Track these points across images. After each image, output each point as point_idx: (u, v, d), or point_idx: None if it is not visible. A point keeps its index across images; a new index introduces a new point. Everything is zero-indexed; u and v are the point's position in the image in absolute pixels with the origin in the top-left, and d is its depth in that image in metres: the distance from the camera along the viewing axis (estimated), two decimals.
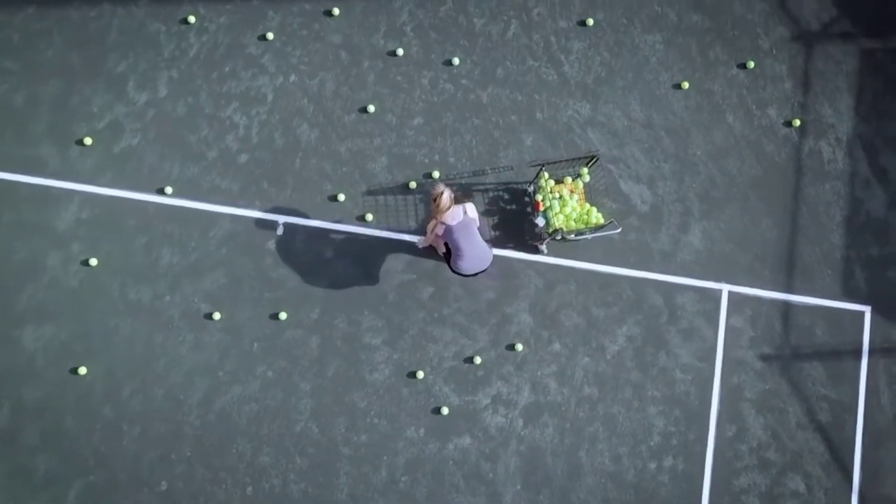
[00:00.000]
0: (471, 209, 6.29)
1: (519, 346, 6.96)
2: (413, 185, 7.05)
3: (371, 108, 7.15)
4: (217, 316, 6.85)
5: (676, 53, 7.41)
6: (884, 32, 7.49)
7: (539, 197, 6.83)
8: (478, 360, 6.92)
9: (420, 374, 6.87)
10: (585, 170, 6.86)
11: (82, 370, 6.74)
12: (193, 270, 6.91)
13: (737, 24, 7.48)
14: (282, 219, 6.99)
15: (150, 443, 6.75)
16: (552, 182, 6.85)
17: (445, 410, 6.85)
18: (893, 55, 7.47)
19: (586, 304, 7.07)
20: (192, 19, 7.15)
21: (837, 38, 7.49)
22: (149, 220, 6.94)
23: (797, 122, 7.35)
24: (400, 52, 7.24)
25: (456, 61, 7.26)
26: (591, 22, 7.35)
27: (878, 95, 7.43)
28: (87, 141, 6.94)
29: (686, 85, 7.35)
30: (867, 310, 7.19)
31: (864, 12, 7.52)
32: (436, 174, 7.14)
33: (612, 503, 6.79)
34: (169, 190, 6.95)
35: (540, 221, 6.79)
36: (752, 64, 7.40)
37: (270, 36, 7.17)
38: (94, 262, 6.82)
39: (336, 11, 7.24)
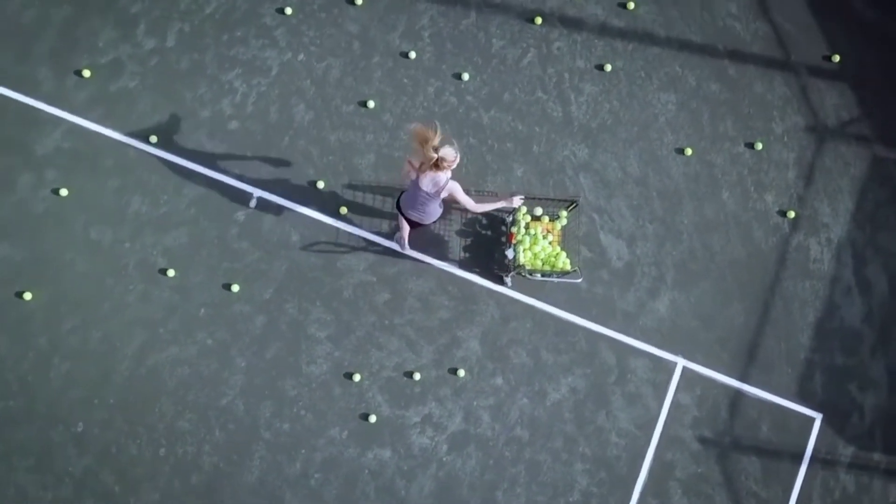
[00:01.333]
0: (452, 187, 6.37)
1: (461, 372, 7.19)
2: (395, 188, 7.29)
3: (371, 104, 7.42)
4: (171, 273, 7.14)
5: (687, 118, 7.65)
6: None
7: (514, 229, 7.05)
8: (417, 376, 7.15)
9: (357, 377, 7.12)
10: (564, 213, 7.10)
11: (27, 295, 7.03)
12: (159, 223, 7.21)
13: (754, 102, 7.72)
14: (257, 192, 7.28)
15: (76, 382, 7.03)
16: (528, 217, 7.07)
17: (373, 419, 7.09)
18: None
19: (538, 345, 7.30)
20: None
21: (852, 138, 7.70)
22: (127, 164, 7.25)
23: (792, 214, 7.55)
24: (412, 55, 7.52)
25: (465, 77, 7.53)
26: (608, 68, 7.60)
27: (879, 205, 7.62)
28: (86, 73, 7.26)
29: (689, 151, 7.57)
30: (818, 417, 7.37)
31: (884, 119, 7.72)
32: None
33: None
34: (154, 139, 7.25)
35: (510, 254, 7.03)
36: (760, 145, 7.61)
37: (289, 11, 7.47)
38: (64, 192, 7.13)
39: (359, 1, 7.52)
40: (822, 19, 7.84)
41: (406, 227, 6.83)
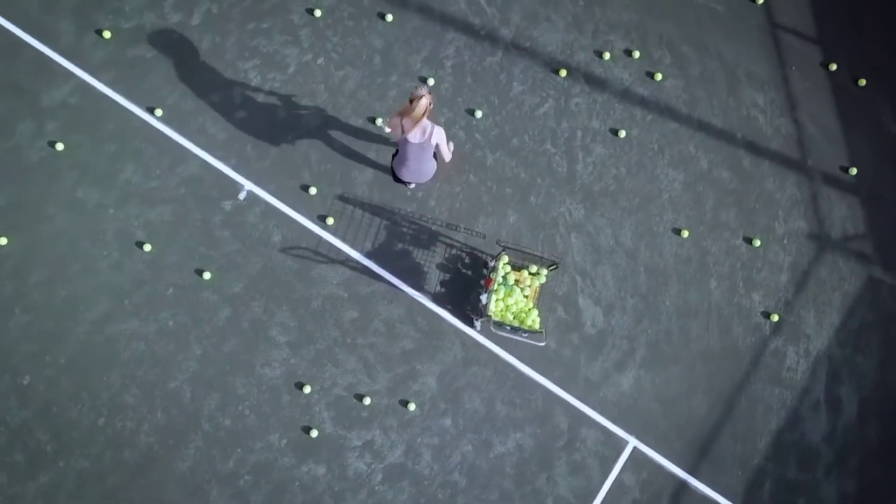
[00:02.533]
0: (437, 133, 6.87)
1: (412, 406, 7.42)
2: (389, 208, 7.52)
3: (379, 121, 7.68)
4: (147, 248, 7.42)
5: (691, 200, 7.85)
6: None
7: (493, 275, 7.25)
8: (367, 400, 7.38)
9: (307, 389, 7.37)
10: (545, 271, 7.28)
11: (2, 240, 7.30)
12: (146, 196, 7.49)
13: (762, 198, 7.91)
14: (249, 185, 7.53)
15: (33, 336, 7.31)
16: (509, 267, 7.27)
17: (315, 433, 7.32)
18: None
19: (494, 395, 7.51)
20: None
21: (852, 254, 7.87)
22: (128, 131, 7.55)
23: (776, 317, 7.73)
24: (431, 81, 7.75)
25: (479, 114, 7.79)
26: (623, 134, 7.82)
27: (865, 327, 7.79)
28: (107, 34, 7.57)
29: (686, 233, 7.77)
30: None
31: (888, 242, 7.91)
32: (412, 206, 7.60)
33: None
34: (159, 112, 7.54)
35: (483, 299, 7.24)
36: (758, 242, 7.80)
37: (318, 13, 7.75)
38: (60, 146, 7.43)
39: (389, 17, 7.81)
40: (847, 129, 8.04)
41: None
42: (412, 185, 7.53)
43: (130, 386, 7.39)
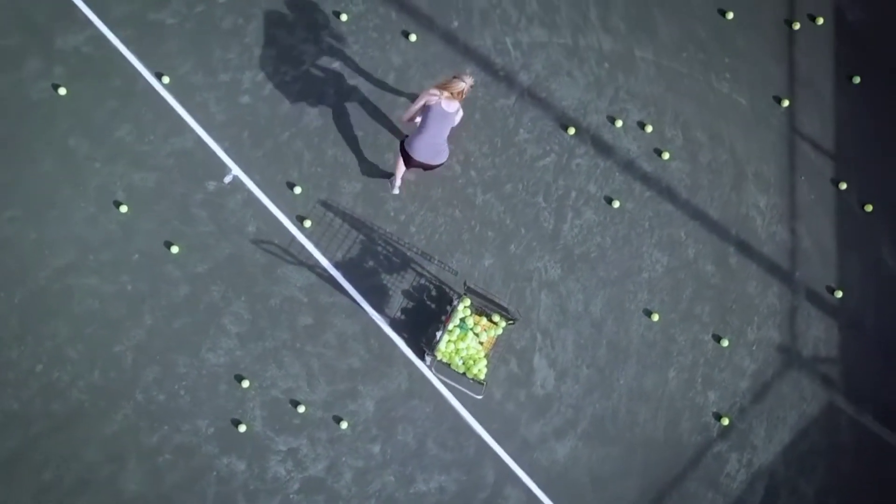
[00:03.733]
0: (460, 115, 7.52)
1: (345, 424, 7.67)
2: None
3: (379, 137, 7.86)
4: (124, 209, 7.73)
5: (669, 285, 8.06)
6: (862, 408, 8.08)
7: (453, 315, 7.44)
8: (302, 409, 7.62)
9: (246, 384, 7.64)
10: (503, 323, 7.46)
11: None
12: (135, 159, 7.82)
13: (741, 299, 8.10)
14: (236, 171, 7.77)
15: None
16: (469, 311, 7.46)
17: (243, 428, 7.58)
18: (853, 431, 7.92)
19: (428, 432, 7.75)
20: None
21: (818, 377, 8.11)
22: (132, 91, 7.90)
23: (726, 421, 7.91)
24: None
25: (477, 152, 7.94)
26: (616, 204, 8.03)
27: (813, 452, 8.07)
28: None
29: (656, 317, 7.97)
30: None
31: (857, 373, 8.15)
32: (392, 227, 7.80)
33: None
34: (166, 80, 7.85)
35: (438, 335, 7.41)
36: (726, 343, 7.99)
37: (344, 17, 8.03)
38: (62, 91, 7.77)
39: (413, 38, 8.09)
40: (843, 251, 8.25)
41: (402, 169, 7.66)
42: (397, 191, 7.87)
43: (76, 340, 7.69)
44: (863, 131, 8.49)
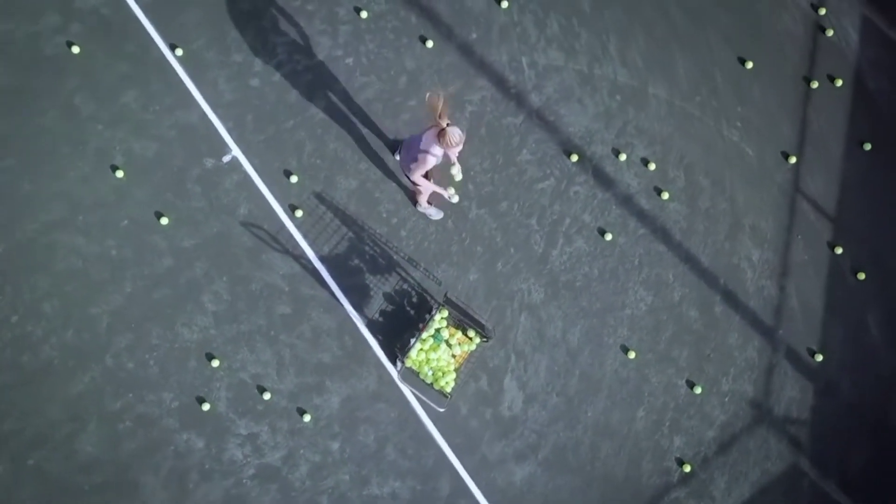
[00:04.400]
0: (429, 159, 7.08)
1: (307, 417, 7.83)
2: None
3: (383, 138, 8.01)
4: (120, 174, 7.92)
5: (650, 325, 8.17)
6: (826, 474, 8.30)
7: (429, 324, 7.57)
8: (268, 396, 7.78)
9: (216, 363, 7.83)
10: (477, 340, 7.57)
11: None
12: (138, 126, 8.01)
13: (720, 349, 8.22)
14: (236, 152, 7.92)
15: None
16: (445, 322, 7.58)
17: (207, 407, 7.75)
18: (814, 496, 8.05)
19: (389, 437, 7.90)
20: None
21: (786, 437, 8.36)
22: (144, 59, 8.13)
23: (688, 468, 8.07)
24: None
25: (478, 167, 8.06)
26: (609, 237, 8.14)
27: None
28: None
29: (633, 355, 8.11)
30: None
31: (825, 440, 8.26)
32: (383, 229, 7.94)
33: None
34: (180, 52, 8.05)
35: (412, 342, 7.53)
36: (699, 390, 8.10)
37: (364, 14, 8.20)
38: (76, 49, 7.98)
39: (430, 44, 8.25)
40: (830, 315, 8.37)
41: (431, 188, 7.55)
42: (454, 199, 7.67)
43: (54, 297, 7.87)
44: (867, 199, 8.61)
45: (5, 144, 8.05)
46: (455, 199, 7.61)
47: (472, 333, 7.98)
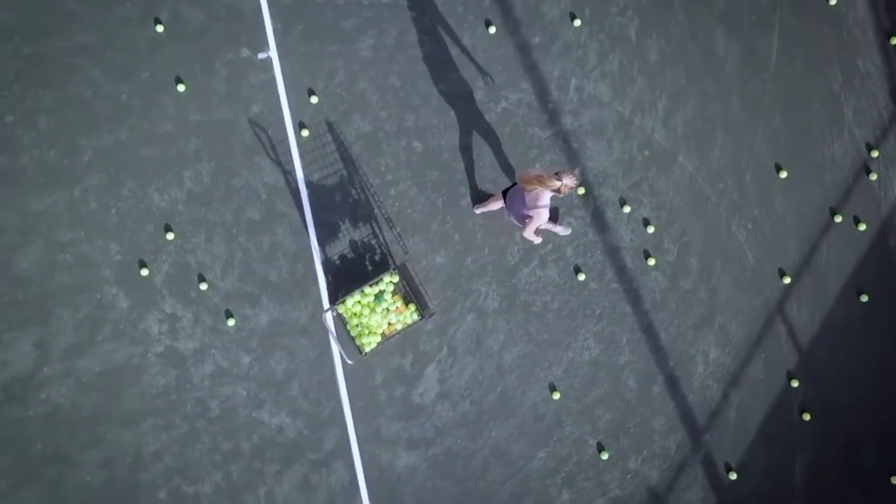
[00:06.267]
0: (542, 212, 7.44)
1: (231, 322, 8.33)
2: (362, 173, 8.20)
3: (417, 145, 8.32)
4: (160, 29, 8.60)
5: (586, 375, 8.62)
6: None
7: (377, 283, 7.83)
8: (204, 287, 8.33)
9: (171, 236, 8.41)
10: (414, 317, 7.83)
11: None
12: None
13: (641, 427, 8.71)
14: (273, 53, 8.26)
15: None
16: (392, 287, 7.88)
17: (145, 273, 8.38)
18: None
19: (298, 372, 8.38)
20: None
21: None
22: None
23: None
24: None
25: (487, 161, 8.31)
26: (581, 277, 8.63)
27: None
28: None
29: (557, 396, 8.64)
30: None
31: None
32: (376, 181, 8.18)
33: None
34: None
35: (354, 292, 7.78)
36: (606, 456, 8.53)
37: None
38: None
39: (492, 30, 8.86)
40: (759, 441, 8.58)
41: (493, 205, 8.19)
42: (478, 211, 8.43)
43: (52, 114, 8.33)
44: (842, 348, 8.69)
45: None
46: (568, 232, 8.36)
47: (412, 308, 8.25)
